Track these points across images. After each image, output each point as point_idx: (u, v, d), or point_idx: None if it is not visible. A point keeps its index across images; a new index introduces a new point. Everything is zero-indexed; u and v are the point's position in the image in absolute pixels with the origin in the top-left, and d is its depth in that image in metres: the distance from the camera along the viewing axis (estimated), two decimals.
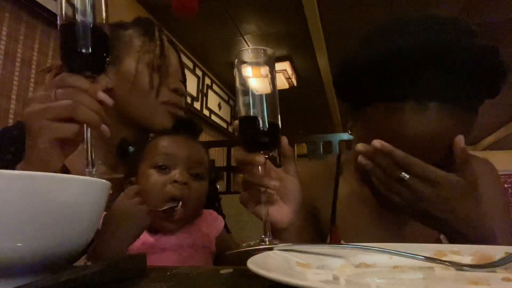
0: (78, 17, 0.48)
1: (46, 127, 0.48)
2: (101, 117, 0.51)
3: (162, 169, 0.74)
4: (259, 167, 0.55)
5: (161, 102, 0.83)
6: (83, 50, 0.47)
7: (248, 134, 0.54)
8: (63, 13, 0.49)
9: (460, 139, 0.55)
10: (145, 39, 0.84)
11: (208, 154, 0.83)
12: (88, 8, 0.49)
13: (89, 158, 0.50)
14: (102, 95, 0.51)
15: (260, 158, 0.54)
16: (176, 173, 0.73)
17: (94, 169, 0.50)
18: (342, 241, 0.73)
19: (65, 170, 0.73)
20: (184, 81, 0.92)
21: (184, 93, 0.87)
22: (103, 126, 0.53)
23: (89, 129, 0.50)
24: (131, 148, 0.78)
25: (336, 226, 0.75)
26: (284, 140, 0.58)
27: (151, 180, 0.73)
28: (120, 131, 0.84)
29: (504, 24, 3.24)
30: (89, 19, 0.48)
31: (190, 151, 0.78)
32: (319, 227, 0.78)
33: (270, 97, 0.55)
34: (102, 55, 0.50)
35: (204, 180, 0.80)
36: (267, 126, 0.53)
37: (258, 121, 0.53)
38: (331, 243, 0.74)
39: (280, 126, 0.56)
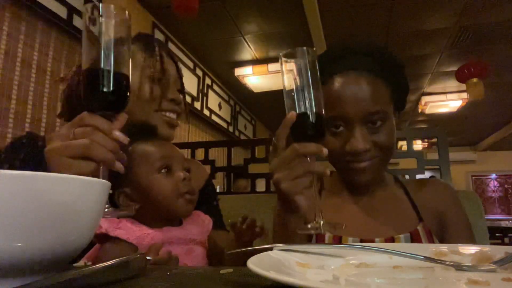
0: (101, 59, 0.52)
1: (65, 164, 0.51)
2: (116, 154, 0.55)
3: (163, 172, 0.76)
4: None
5: (155, 110, 0.89)
6: (104, 91, 0.51)
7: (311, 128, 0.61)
8: (87, 54, 0.53)
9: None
10: (147, 55, 0.91)
11: None
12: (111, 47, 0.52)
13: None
14: (118, 134, 0.54)
15: (326, 150, 0.61)
16: (180, 173, 0.77)
17: (107, 206, 0.53)
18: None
19: None
20: (182, 89, 0.99)
21: (181, 102, 0.94)
22: (117, 163, 0.56)
23: (104, 167, 0.54)
24: None
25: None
26: None
27: (163, 185, 0.75)
28: None
29: (504, 24, 3.24)
30: (111, 59, 0.52)
31: (176, 150, 0.82)
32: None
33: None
34: (122, 95, 0.53)
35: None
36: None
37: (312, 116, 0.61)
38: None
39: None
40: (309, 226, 0.60)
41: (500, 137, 6.93)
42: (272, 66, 3.95)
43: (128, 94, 0.56)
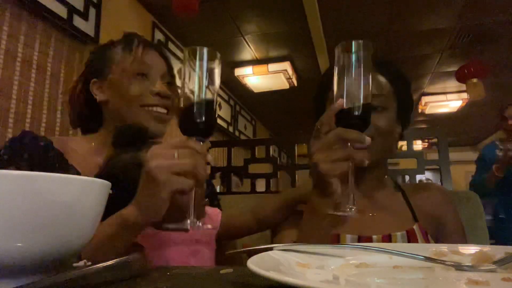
0: (196, 94, 0.61)
1: (172, 180, 0.58)
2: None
3: None
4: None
5: (141, 105, 0.89)
6: (198, 121, 0.60)
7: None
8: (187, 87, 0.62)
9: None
10: (126, 52, 0.92)
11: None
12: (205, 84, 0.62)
13: (192, 211, 0.60)
14: (210, 157, 0.63)
15: (368, 139, 0.62)
16: None
17: (195, 220, 0.59)
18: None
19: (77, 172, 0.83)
20: (172, 83, 0.99)
21: (169, 96, 0.93)
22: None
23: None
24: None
25: None
26: None
27: None
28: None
29: (504, 24, 3.24)
30: (203, 94, 0.62)
31: None
32: None
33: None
34: (211, 124, 0.62)
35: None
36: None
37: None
38: None
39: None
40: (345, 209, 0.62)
41: (500, 137, 6.93)
42: (272, 66, 3.95)
43: (215, 122, 0.64)
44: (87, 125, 0.99)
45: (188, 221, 0.59)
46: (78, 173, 0.83)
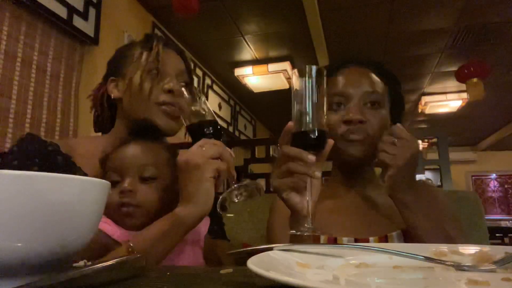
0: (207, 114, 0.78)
1: (209, 162, 0.70)
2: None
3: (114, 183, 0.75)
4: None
5: (155, 103, 0.89)
6: (210, 131, 0.76)
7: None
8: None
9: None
10: (145, 52, 0.92)
11: (171, 154, 0.84)
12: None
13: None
14: (230, 150, 0.75)
15: (313, 157, 0.64)
16: (122, 184, 0.74)
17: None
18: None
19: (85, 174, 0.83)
20: (188, 83, 0.97)
21: (181, 94, 0.88)
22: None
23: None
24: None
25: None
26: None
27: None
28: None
29: (504, 24, 3.24)
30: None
31: (142, 156, 0.78)
32: None
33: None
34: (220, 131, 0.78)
35: (157, 179, 0.78)
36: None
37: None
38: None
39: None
40: (301, 228, 0.64)
41: (500, 137, 6.93)
42: (272, 66, 3.95)
43: (222, 129, 0.79)
44: (108, 127, 0.99)
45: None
46: (86, 176, 0.81)
